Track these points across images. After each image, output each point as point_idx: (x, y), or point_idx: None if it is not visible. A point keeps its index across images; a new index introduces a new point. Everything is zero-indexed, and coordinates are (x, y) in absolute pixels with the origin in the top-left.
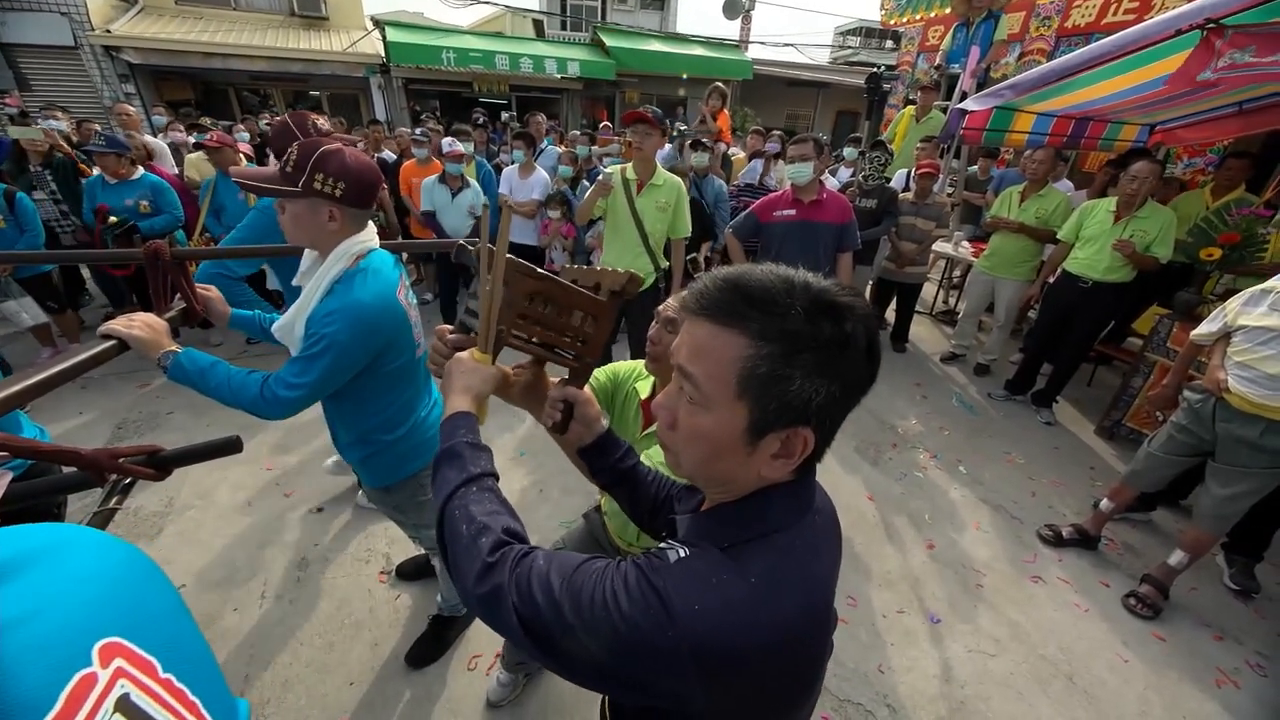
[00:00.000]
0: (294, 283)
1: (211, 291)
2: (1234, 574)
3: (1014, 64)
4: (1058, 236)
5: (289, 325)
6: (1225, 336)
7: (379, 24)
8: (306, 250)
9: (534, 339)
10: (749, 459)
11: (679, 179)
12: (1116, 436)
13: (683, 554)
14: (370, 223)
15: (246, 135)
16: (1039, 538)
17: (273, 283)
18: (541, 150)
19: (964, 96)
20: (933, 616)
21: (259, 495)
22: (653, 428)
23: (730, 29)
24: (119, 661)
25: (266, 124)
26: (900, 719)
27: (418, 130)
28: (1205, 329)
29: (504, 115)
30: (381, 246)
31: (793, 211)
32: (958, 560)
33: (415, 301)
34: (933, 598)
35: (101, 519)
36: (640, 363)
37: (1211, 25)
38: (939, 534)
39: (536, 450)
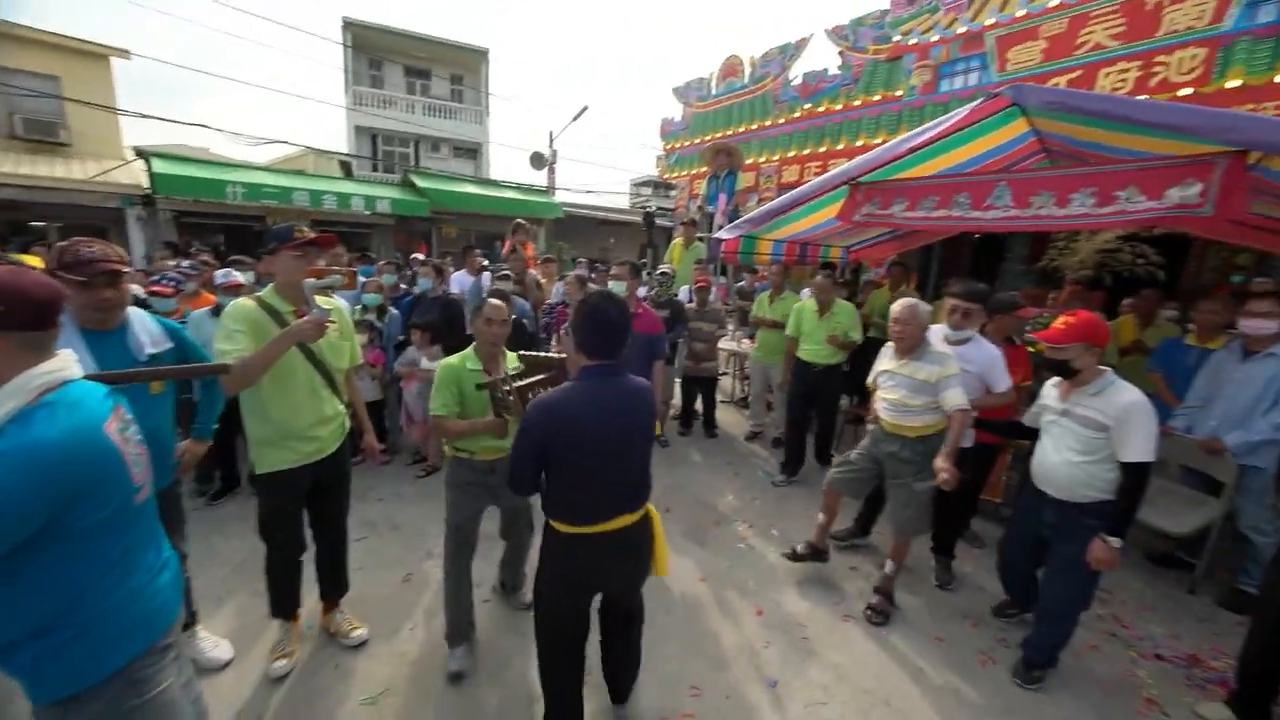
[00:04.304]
0: None
1: None
2: (938, 572)
3: (755, 205)
4: (786, 333)
5: None
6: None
7: (142, 154)
8: None
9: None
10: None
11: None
12: None
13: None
14: (68, 351)
15: None
16: (784, 557)
17: None
18: (335, 291)
19: (720, 228)
20: (770, 681)
21: None
22: (485, 384)
23: (539, 177)
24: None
25: None
26: None
27: (185, 263)
28: (870, 379)
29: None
30: (98, 378)
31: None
32: (783, 620)
33: (138, 435)
34: (768, 663)
35: None
36: (458, 358)
37: (853, 183)
38: (765, 599)
39: None
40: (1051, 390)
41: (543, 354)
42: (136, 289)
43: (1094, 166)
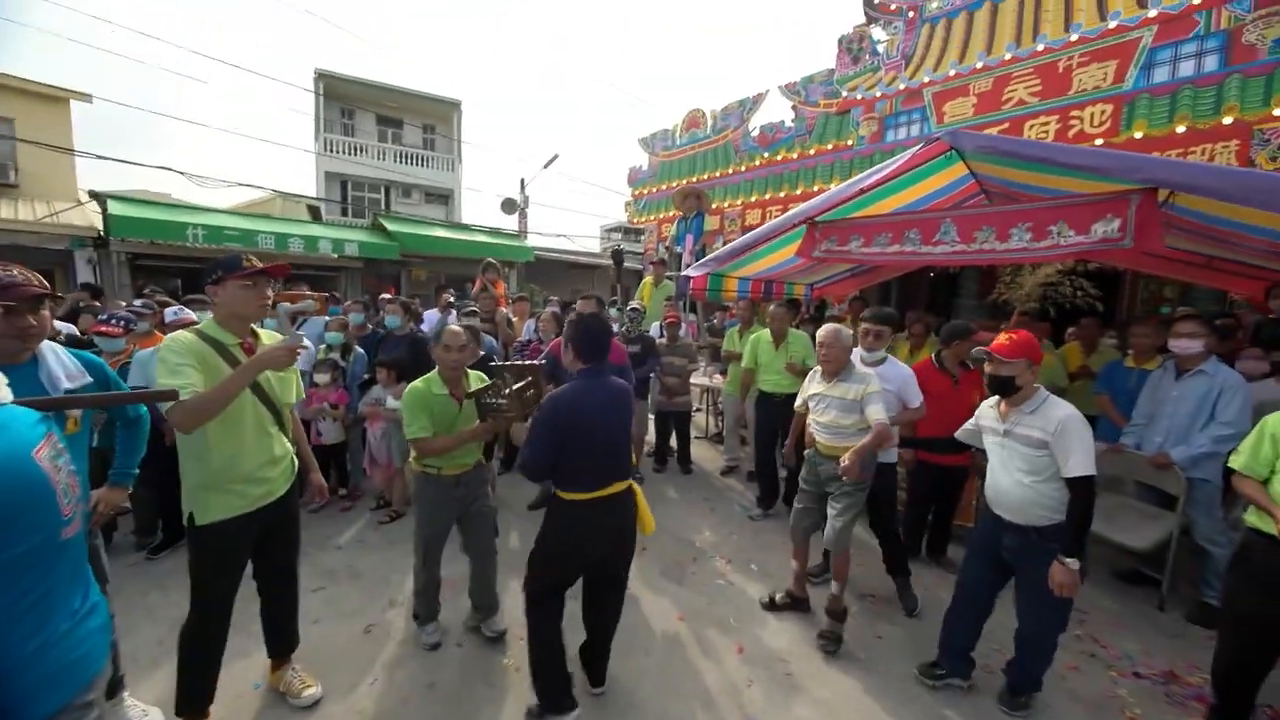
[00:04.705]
0: None
1: None
2: (900, 596)
3: (720, 247)
4: (744, 365)
5: None
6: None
7: (97, 196)
8: None
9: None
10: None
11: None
12: None
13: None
14: None
15: None
16: (760, 605)
17: None
18: (304, 320)
19: (687, 267)
20: None
21: None
22: (466, 401)
23: (510, 221)
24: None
25: None
26: None
27: (138, 302)
28: (798, 403)
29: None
30: (30, 404)
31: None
32: (765, 656)
33: (71, 465)
34: (751, 702)
35: None
36: (423, 382)
37: (810, 222)
38: (745, 635)
39: None
40: (989, 411)
41: (515, 363)
42: (69, 328)
43: (1028, 204)
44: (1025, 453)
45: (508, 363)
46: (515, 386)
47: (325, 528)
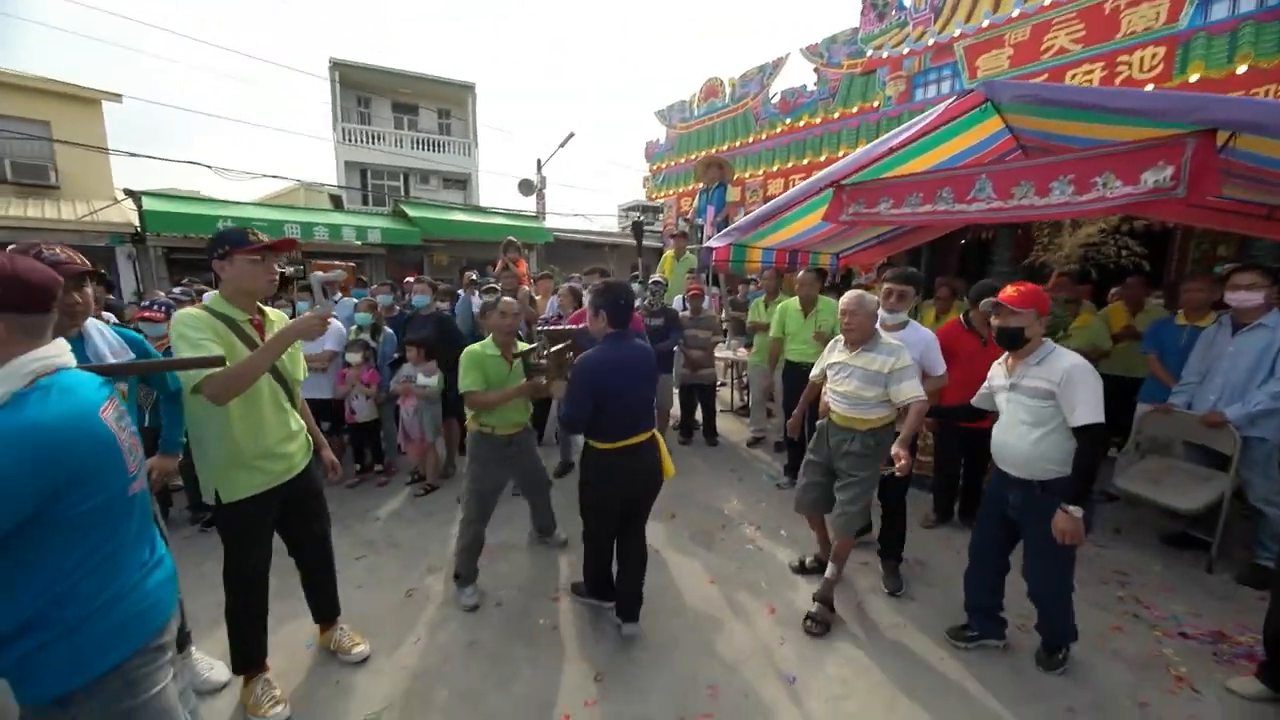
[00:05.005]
0: None
1: None
2: (886, 579)
3: (743, 218)
4: (771, 334)
5: None
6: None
7: (132, 194)
8: None
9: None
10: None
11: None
12: None
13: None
14: (61, 340)
15: None
16: (790, 569)
17: None
18: (336, 301)
19: (709, 239)
20: (788, 677)
21: None
22: (516, 360)
23: (528, 203)
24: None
25: None
26: None
27: (178, 290)
28: (814, 372)
29: (288, 269)
30: (91, 369)
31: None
32: (797, 617)
33: (133, 426)
34: (784, 660)
35: None
36: (479, 346)
37: (837, 185)
38: (776, 597)
39: None
40: (998, 369)
41: (558, 328)
42: (110, 318)
43: (1070, 155)
44: (1031, 404)
45: (549, 327)
46: (555, 349)
47: (364, 501)
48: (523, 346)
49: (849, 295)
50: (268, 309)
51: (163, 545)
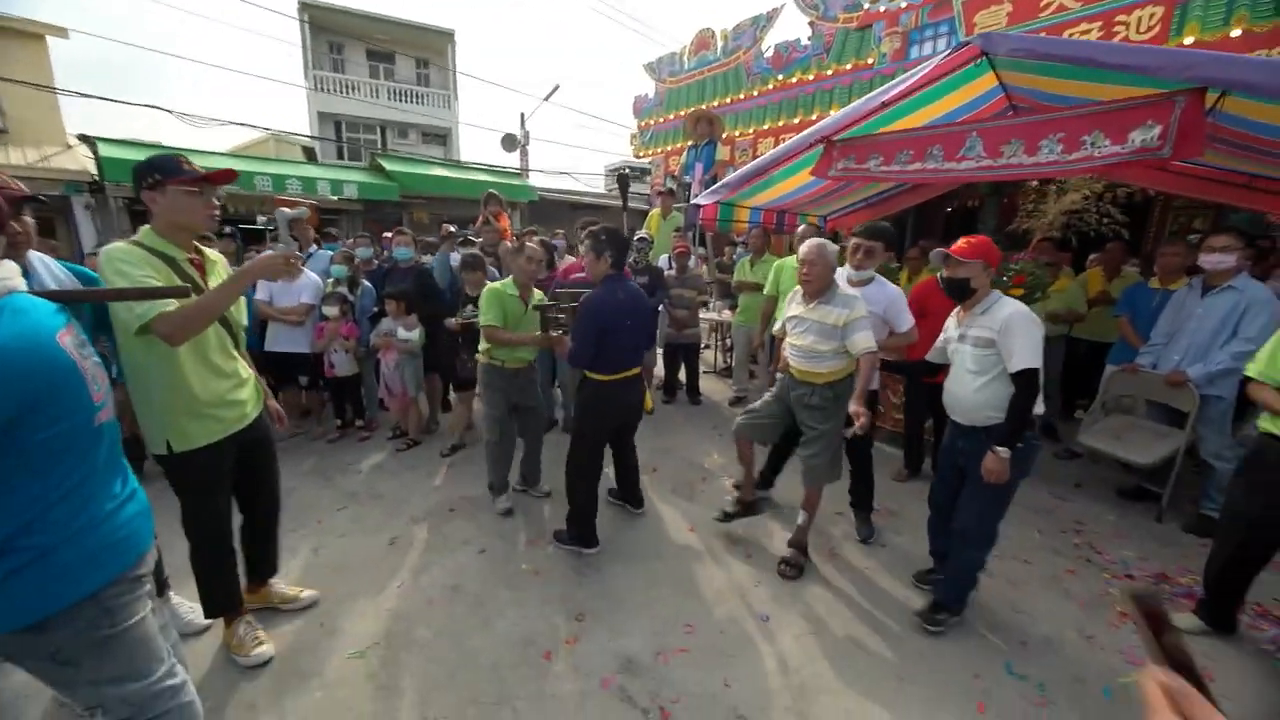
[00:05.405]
0: None
1: None
2: (858, 527)
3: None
4: (764, 291)
5: None
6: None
7: (87, 140)
8: None
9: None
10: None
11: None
12: None
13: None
14: (10, 262)
15: None
16: (715, 520)
17: None
18: (311, 254)
19: (696, 196)
20: (762, 615)
21: None
22: (533, 300)
23: (512, 159)
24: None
25: None
26: None
27: None
28: (776, 328)
29: (260, 219)
30: (44, 294)
31: (584, 274)
32: (772, 562)
33: (96, 357)
34: (758, 600)
35: None
36: (501, 284)
37: (827, 141)
38: (753, 544)
39: None
40: (950, 321)
41: (572, 288)
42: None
43: (1060, 113)
44: (975, 353)
45: (565, 289)
46: (570, 305)
47: (345, 456)
48: (539, 298)
49: (809, 243)
50: (206, 249)
51: (134, 479)
